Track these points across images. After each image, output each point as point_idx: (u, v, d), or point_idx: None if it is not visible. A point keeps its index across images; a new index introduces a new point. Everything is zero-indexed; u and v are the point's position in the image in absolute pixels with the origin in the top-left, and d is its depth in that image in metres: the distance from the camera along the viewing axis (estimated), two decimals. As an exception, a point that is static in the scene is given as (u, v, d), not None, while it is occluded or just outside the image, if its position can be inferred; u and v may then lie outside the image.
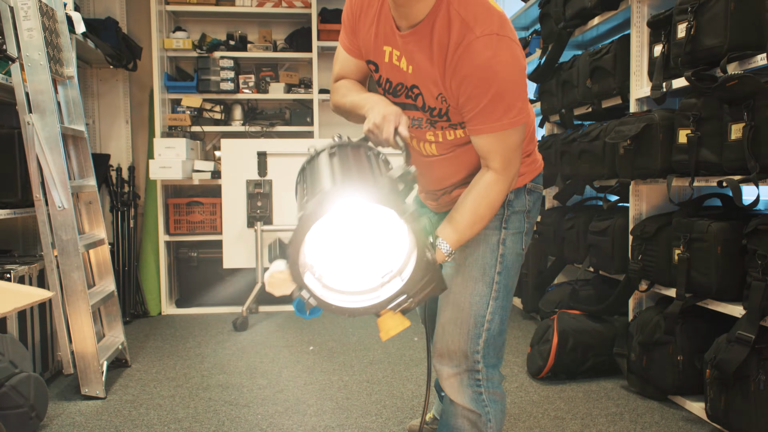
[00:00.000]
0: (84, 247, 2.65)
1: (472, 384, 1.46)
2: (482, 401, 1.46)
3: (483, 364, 1.46)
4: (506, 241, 1.48)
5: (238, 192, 3.94)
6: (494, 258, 1.46)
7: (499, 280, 1.47)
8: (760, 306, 1.98)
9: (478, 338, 1.45)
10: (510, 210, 1.50)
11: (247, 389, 2.68)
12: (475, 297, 1.45)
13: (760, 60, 2.05)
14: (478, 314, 1.45)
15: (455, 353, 1.45)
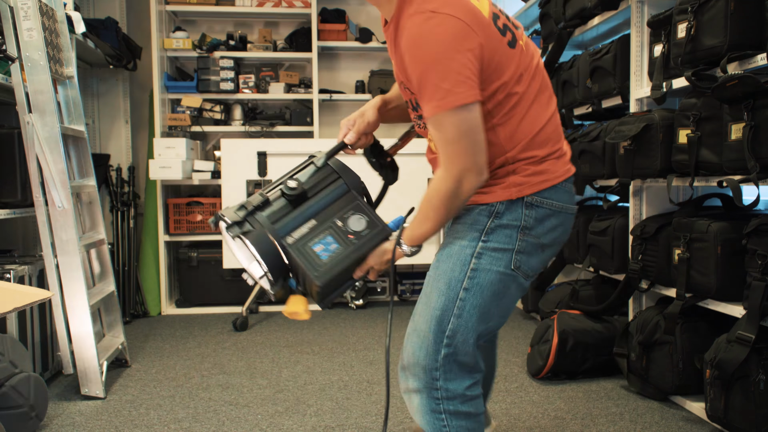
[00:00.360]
0: (84, 247, 2.65)
1: (430, 402, 1.37)
2: (441, 420, 1.37)
3: (442, 382, 1.36)
4: (483, 256, 1.35)
5: (238, 192, 3.94)
6: (463, 272, 1.34)
7: (465, 297, 1.34)
8: (760, 306, 1.98)
9: (437, 354, 1.35)
10: (496, 222, 1.36)
11: (247, 389, 2.68)
12: (436, 311, 1.35)
13: (760, 60, 2.05)
14: (438, 330, 1.35)
15: (414, 366, 1.38)
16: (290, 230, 1.34)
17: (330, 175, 1.42)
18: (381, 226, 1.35)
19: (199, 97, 4.39)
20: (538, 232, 1.38)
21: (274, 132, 4.53)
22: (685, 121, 2.34)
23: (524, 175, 1.37)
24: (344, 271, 1.33)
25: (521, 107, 1.36)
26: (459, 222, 1.40)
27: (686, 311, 2.41)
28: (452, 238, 1.39)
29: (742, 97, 2.03)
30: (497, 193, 1.37)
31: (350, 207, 1.37)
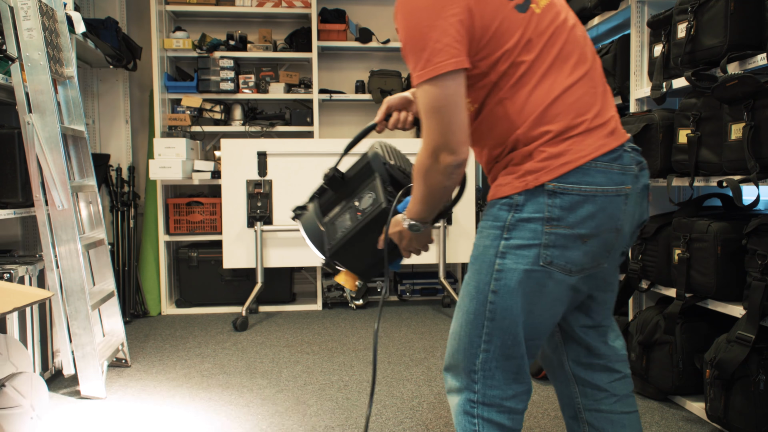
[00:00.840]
0: (84, 247, 2.65)
1: (466, 404, 1.33)
2: (473, 425, 1.32)
3: (479, 386, 1.31)
4: (507, 255, 1.25)
5: (238, 192, 3.94)
6: (489, 275, 1.26)
7: (495, 300, 1.26)
8: (760, 306, 1.98)
9: (475, 358, 1.30)
10: (517, 216, 1.24)
11: (247, 389, 2.68)
12: (469, 315, 1.30)
13: (760, 60, 2.05)
14: (473, 334, 1.30)
15: (454, 367, 1.35)
16: (327, 211, 1.50)
17: (361, 159, 1.53)
18: (380, 201, 1.42)
19: (199, 97, 4.39)
20: (570, 222, 1.22)
21: (274, 132, 4.53)
22: (685, 121, 2.34)
23: (540, 160, 1.23)
24: (349, 244, 1.43)
25: (530, 77, 1.23)
26: (484, 219, 1.32)
27: (686, 311, 2.41)
28: (478, 238, 1.32)
29: (742, 97, 2.03)
30: (513, 184, 1.25)
31: (368, 187, 1.46)
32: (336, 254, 1.45)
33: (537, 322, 1.30)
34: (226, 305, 4.26)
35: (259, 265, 3.90)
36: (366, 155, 1.52)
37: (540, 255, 1.23)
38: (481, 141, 1.35)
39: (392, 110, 1.55)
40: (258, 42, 4.53)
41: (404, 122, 1.54)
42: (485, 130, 1.31)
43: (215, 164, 4.26)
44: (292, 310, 4.25)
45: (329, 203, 1.53)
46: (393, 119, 1.54)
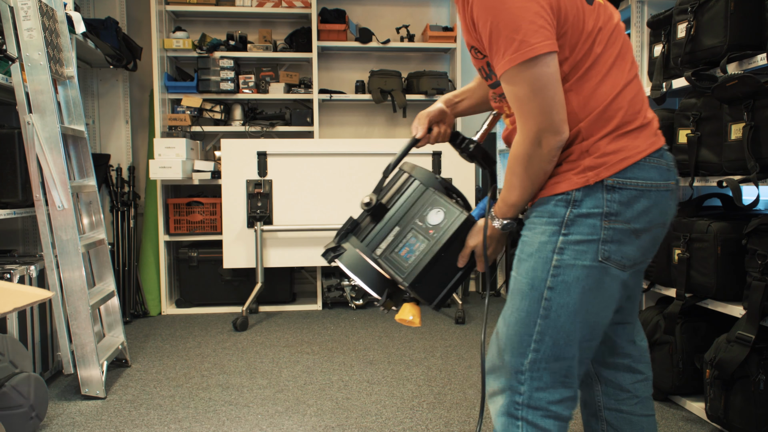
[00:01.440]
0: (84, 247, 2.65)
1: (510, 405, 1.29)
2: (516, 427, 1.28)
3: (526, 387, 1.27)
4: (565, 251, 1.23)
5: (238, 192, 3.94)
6: (545, 271, 1.24)
7: (551, 297, 1.24)
8: (760, 306, 1.98)
9: (523, 357, 1.27)
10: (575, 212, 1.24)
11: (247, 389, 2.69)
12: (521, 313, 1.27)
13: (760, 60, 2.05)
14: (524, 332, 1.27)
15: (498, 368, 1.32)
16: (378, 243, 1.37)
17: (406, 180, 1.43)
18: (458, 212, 1.34)
19: (199, 97, 4.39)
20: (627, 217, 1.24)
21: (274, 132, 4.53)
22: (685, 121, 2.34)
23: (599, 156, 1.23)
24: (430, 265, 1.32)
25: (597, 71, 1.24)
26: (535, 215, 1.30)
27: (686, 311, 2.41)
28: (530, 234, 1.29)
29: (742, 97, 2.03)
30: (572, 180, 1.24)
31: (428, 204, 1.36)
32: (416, 282, 1.31)
33: (592, 320, 1.28)
34: (226, 305, 4.26)
35: (259, 265, 3.90)
36: (407, 174, 1.43)
37: (599, 250, 1.23)
38: None
39: (432, 124, 1.52)
40: (258, 42, 4.53)
41: (444, 135, 1.53)
42: None
43: (215, 164, 4.26)
44: (292, 310, 4.25)
45: (375, 236, 1.39)
46: (435, 132, 1.52)
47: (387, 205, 1.40)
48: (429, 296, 1.35)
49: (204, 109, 4.42)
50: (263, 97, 4.48)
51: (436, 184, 1.39)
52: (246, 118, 4.49)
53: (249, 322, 3.85)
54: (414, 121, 1.51)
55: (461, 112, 1.59)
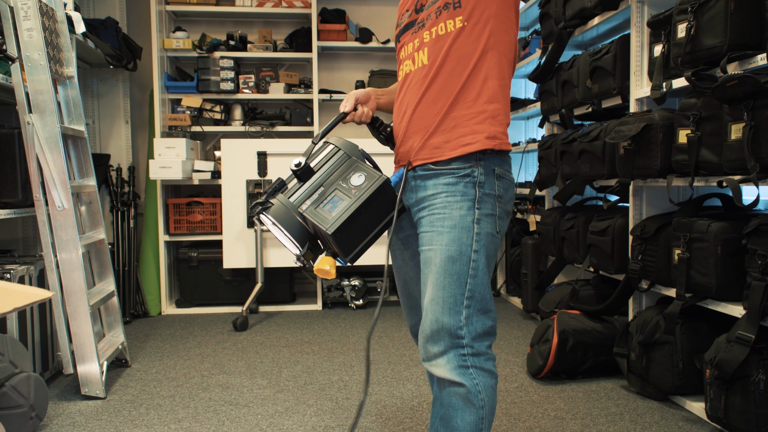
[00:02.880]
0: (84, 247, 2.65)
1: (457, 358, 1.46)
2: (470, 374, 1.46)
3: (467, 340, 1.46)
4: (481, 221, 1.49)
5: (238, 192, 3.94)
6: (470, 238, 1.47)
7: (476, 258, 1.47)
8: (760, 306, 1.98)
9: (459, 315, 1.46)
10: (481, 191, 1.49)
11: (247, 389, 2.69)
12: (453, 276, 1.46)
13: (760, 60, 2.05)
14: (457, 293, 1.46)
15: (439, 331, 1.46)
16: (304, 200, 1.51)
17: (331, 150, 1.58)
18: (378, 175, 1.47)
19: (199, 97, 4.39)
20: (506, 200, 1.54)
21: (274, 132, 4.53)
22: (685, 121, 2.34)
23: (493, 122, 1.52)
24: (351, 218, 1.45)
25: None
26: (446, 195, 1.49)
27: (686, 311, 2.41)
28: (446, 211, 1.48)
29: (742, 97, 2.03)
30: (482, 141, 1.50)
31: (351, 169, 1.51)
32: (336, 232, 1.45)
33: (489, 275, 1.53)
34: (226, 305, 4.26)
35: (259, 265, 3.90)
36: (333, 145, 1.58)
37: (496, 224, 1.53)
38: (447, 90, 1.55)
39: (359, 104, 1.64)
40: (258, 42, 4.53)
41: (367, 116, 1.65)
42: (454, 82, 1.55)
43: (215, 164, 4.26)
44: (292, 310, 4.25)
45: (298, 192, 1.54)
46: (359, 112, 1.64)
47: (314, 170, 1.55)
48: (347, 248, 1.49)
49: (204, 109, 4.42)
50: (263, 97, 4.48)
51: (358, 154, 1.55)
52: (246, 118, 4.49)
53: (249, 322, 3.84)
54: (344, 98, 1.64)
55: (381, 106, 1.74)
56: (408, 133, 1.57)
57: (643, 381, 2.55)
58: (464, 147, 1.48)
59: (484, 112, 1.50)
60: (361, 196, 1.46)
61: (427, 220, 1.51)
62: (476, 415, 1.46)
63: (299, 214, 1.50)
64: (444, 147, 1.50)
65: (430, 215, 1.50)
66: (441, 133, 1.51)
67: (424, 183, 1.53)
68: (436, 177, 1.51)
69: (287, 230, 1.51)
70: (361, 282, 4.28)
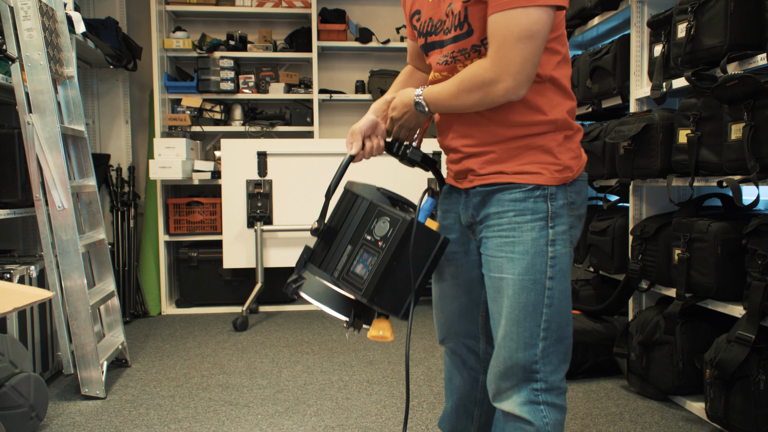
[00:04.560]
0: (84, 247, 2.65)
1: (529, 393, 1.36)
2: (540, 411, 1.36)
3: (541, 374, 1.36)
4: (555, 242, 1.33)
5: (238, 192, 3.94)
6: (544, 264, 1.32)
7: (552, 286, 1.33)
8: (760, 306, 1.98)
9: (535, 349, 1.34)
10: (554, 206, 1.33)
11: (247, 389, 2.68)
12: (528, 308, 1.33)
13: (760, 60, 2.05)
14: (533, 325, 1.33)
15: (512, 367, 1.35)
16: (334, 265, 1.36)
17: (349, 199, 1.41)
18: (401, 218, 1.30)
19: (199, 97, 4.39)
20: (579, 204, 1.38)
21: (274, 132, 4.53)
22: (685, 121, 2.34)
23: (574, 157, 1.36)
24: (384, 277, 1.30)
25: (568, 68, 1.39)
26: (514, 215, 1.33)
27: (686, 311, 2.41)
28: (516, 234, 1.33)
29: (742, 97, 2.03)
30: (554, 176, 1.33)
31: (374, 217, 1.34)
32: (374, 296, 1.30)
33: (568, 301, 1.39)
34: (226, 305, 4.26)
35: (259, 265, 3.90)
36: (351, 193, 1.42)
37: (570, 236, 1.37)
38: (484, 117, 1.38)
39: (365, 138, 1.46)
40: (258, 42, 4.53)
41: (378, 148, 1.48)
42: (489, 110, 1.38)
43: (215, 164, 4.26)
44: (292, 310, 4.25)
45: (330, 260, 1.38)
46: (368, 147, 1.47)
47: (336, 227, 1.39)
48: (392, 307, 1.33)
49: (204, 109, 4.42)
50: (263, 97, 4.48)
51: (379, 196, 1.38)
52: (246, 118, 4.49)
53: (249, 322, 3.84)
54: (347, 137, 1.46)
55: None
56: (457, 155, 1.43)
57: (643, 381, 2.55)
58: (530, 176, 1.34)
59: (554, 140, 1.35)
60: (389, 247, 1.30)
61: (493, 243, 1.35)
62: None
63: (333, 283, 1.35)
64: (509, 172, 1.35)
65: (498, 237, 1.35)
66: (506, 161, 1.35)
67: (487, 198, 1.38)
68: (500, 192, 1.35)
69: (326, 305, 1.38)
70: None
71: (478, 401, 1.65)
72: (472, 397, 1.65)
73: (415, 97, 1.37)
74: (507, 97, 1.25)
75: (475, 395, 1.65)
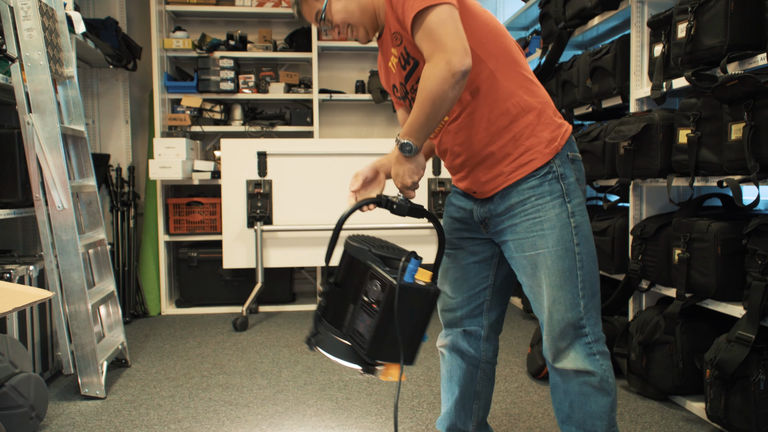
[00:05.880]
0: (84, 247, 2.65)
1: (584, 348, 1.55)
2: (597, 360, 1.54)
3: (588, 329, 1.55)
4: (575, 214, 1.54)
5: (238, 192, 3.94)
6: (570, 233, 1.53)
7: (580, 251, 1.54)
8: (760, 306, 1.98)
9: (579, 307, 1.54)
10: (566, 183, 1.55)
11: (247, 389, 2.69)
12: (565, 273, 1.53)
13: (760, 60, 2.05)
14: (572, 287, 1.53)
15: (566, 328, 1.54)
16: (341, 322, 1.49)
17: (345, 257, 1.52)
18: (389, 282, 1.40)
19: (199, 97, 4.39)
20: (582, 182, 1.60)
21: (274, 132, 4.53)
22: (685, 121, 2.34)
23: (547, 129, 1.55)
24: (382, 336, 1.42)
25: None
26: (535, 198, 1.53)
27: (686, 311, 2.41)
28: (541, 213, 1.53)
29: (742, 97, 2.03)
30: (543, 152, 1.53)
31: (367, 278, 1.45)
32: (375, 354, 1.44)
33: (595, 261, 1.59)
34: (226, 305, 4.26)
35: (259, 265, 3.90)
36: (346, 253, 1.52)
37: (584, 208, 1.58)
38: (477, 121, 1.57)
39: (367, 183, 1.62)
40: (258, 42, 4.53)
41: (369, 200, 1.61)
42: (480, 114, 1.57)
43: (215, 164, 4.26)
44: (292, 310, 4.25)
45: (338, 316, 1.50)
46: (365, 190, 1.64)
47: (342, 284, 1.51)
48: (396, 356, 1.44)
49: (204, 109, 4.42)
50: (263, 97, 4.48)
51: (370, 257, 1.46)
52: (246, 118, 4.49)
53: (249, 322, 3.84)
54: (351, 180, 1.61)
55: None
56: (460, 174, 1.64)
57: (643, 381, 2.55)
58: (528, 165, 1.53)
59: (528, 126, 1.53)
60: (382, 311, 1.41)
61: (522, 227, 1.55)
62: (609, 398, 1.55)
63: (342, 338, 1.48)
64: (507, 171, 1.55)
65: (526, 221, 1.54)
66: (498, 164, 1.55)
67: (506, 195, 1.56)
68: (517, 185, 1.55)
69: (340, 358, 1.49)
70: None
71: (477, 394, 1.78)
72: (471, 390, 1.78)
73: (397, 145, 1.45)
74: (461, 67, 1.35)
75: (474, 388, 1.78)
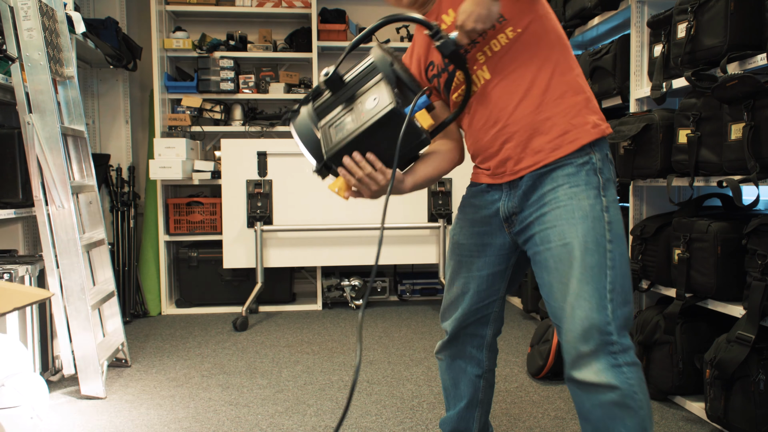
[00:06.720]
0: (84, 247, 2.65)
1: (609, 358, 1.38)
2: (623, 373, 1.37)
3: (615, 336, 1.38)
4: (609, 209, 1.44)
5: (238, 192, 3.94)
6: (602, 227, 1.41)
7: (612, 249, 1.41)
8: (760, 306, 1.98)
9: (606, 310, 1.38)
10: (603, 178, 1.45)
11: (247, 389, 2.69)
12: (594, 269, 1.39)
13: (760, 60, 2.05)
14: (600, 286, 1.39)
15: (590, 329, 1.38)
16: (325, 114, 1.42)
17: (365, 61, 1.44)
18: (388, 101, 1.32)
19: (199, 97, 4.39)
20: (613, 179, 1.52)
21: (274, 132, 4.53)
22: (685, 121, 2.34)
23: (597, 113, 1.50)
24: (348, 147, 1.35)
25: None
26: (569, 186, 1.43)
27: (686, 311, 2.41)
28: (574, 201, 1.42)
29: (742, 97, 2.03)
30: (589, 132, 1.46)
31: (371, 87, 1.37)
32: (334, 158, 1.36)
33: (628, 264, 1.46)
34: (226, 305, 4.26)
35: (259, 265, 3.90)
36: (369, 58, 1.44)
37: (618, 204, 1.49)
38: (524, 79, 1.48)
39: None
40: (258, 42, 4.53)
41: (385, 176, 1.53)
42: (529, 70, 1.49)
43: (215, 164, 4.26)
44: (292, 310, 4.25)
45: (326, 107, 1.44)
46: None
47: (345, 81, 1.43)
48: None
49: (204, 109, 4.42)
50: (263, 97, 4.48)
51: (388, 72, 1.39)
52: (246, 118, 4.49)
53: (249, 322, 3.85)
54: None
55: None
56: (493, 148, 1.51)
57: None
58: (572, 143, 1.44)
59: (577, 105, 1.45)
60: (365, 123, 1.33)
61: (552, 215, 1.44)
62: (638, 417, 1.37)
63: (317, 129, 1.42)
64: (548, 148, 1.44)
65: (557, 209, 1.43)
66: (540, 135, 1.45)
67: (539, 181, 1.46)
68: (552, 171, 1.45)
69: (303, 143, 1.44)
70: (361, 282, 4.28)
71: (480, 402, 1.74)
72: (475, 399, 1.74)
73: None
74: None
75: (478, 397, 1.74)
